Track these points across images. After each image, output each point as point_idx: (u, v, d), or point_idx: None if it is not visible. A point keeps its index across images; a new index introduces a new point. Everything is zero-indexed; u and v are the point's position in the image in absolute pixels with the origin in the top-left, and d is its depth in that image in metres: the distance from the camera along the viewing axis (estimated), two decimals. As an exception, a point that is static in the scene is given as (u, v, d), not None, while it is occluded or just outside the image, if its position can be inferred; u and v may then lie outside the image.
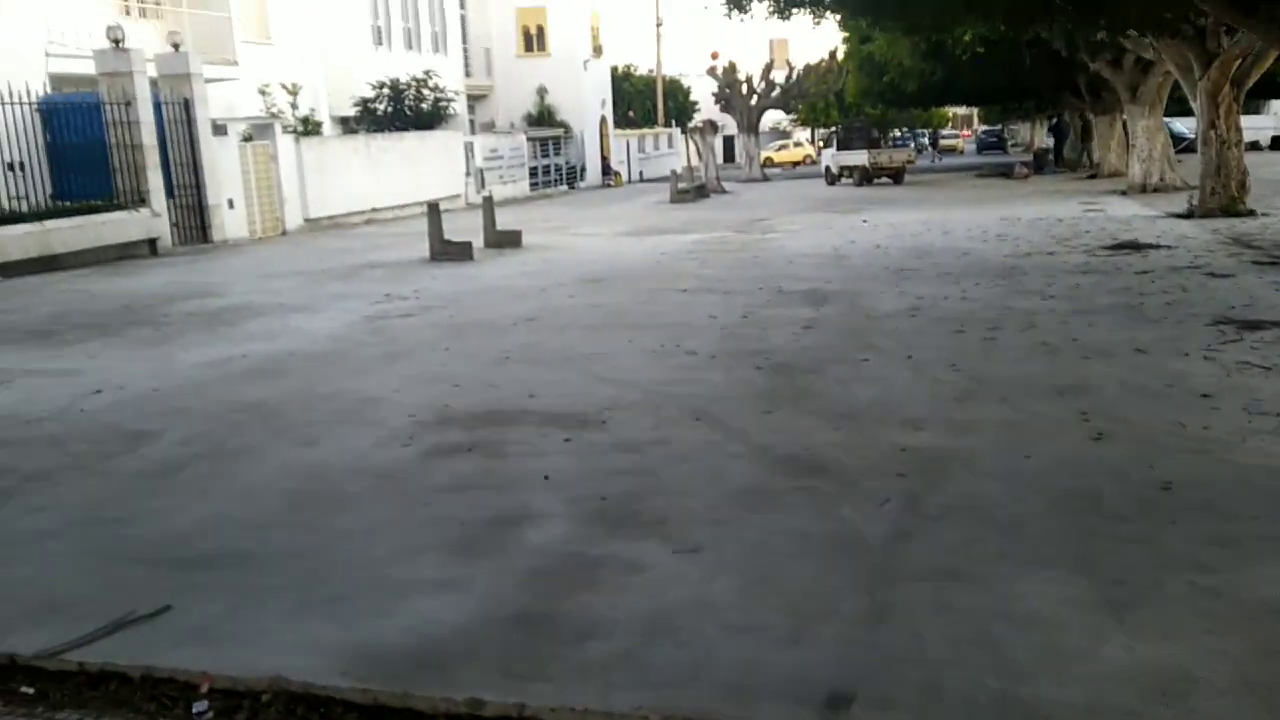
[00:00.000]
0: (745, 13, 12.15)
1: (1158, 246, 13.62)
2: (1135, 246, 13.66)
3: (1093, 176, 31.01)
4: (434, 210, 16.34)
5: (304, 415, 6.95)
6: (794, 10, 12.39)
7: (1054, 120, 44.54)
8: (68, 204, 16.66)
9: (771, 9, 12.56)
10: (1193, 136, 37.50)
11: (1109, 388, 6.59)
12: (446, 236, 16.36)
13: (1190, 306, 9.32)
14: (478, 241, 17.15)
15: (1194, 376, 6.76)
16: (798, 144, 73.32)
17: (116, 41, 17.22)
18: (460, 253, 16.10)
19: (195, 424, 6.78)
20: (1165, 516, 4.39)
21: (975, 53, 21.83)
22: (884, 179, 34.45)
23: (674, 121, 58.54)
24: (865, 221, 19.83)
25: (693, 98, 68.80)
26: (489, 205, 18.30)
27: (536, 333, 9.70)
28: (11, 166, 16.60)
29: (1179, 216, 17.41)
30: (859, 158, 34.35)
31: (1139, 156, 23.75)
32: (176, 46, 18.76)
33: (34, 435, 6.63)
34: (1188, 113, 33.29)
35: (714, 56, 65.24)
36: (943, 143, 77.35)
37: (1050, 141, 49.34)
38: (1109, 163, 30.67)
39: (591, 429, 6.24)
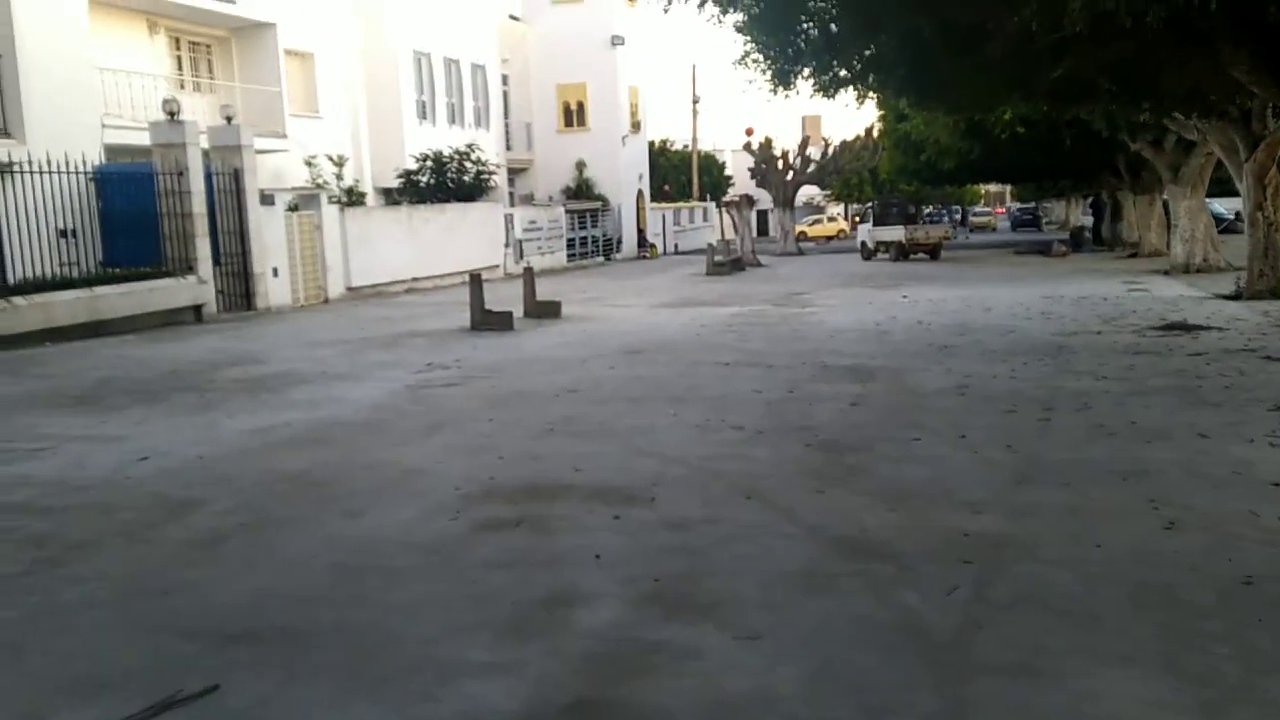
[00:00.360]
0: (790, 89, 12.21)
1: (1209, 328, 13.40)
2: (1185, 327, 13.45)
3: (1133, 255, 30.82)
4: (476, 280, 16.45)
5: (348, 485, 6.90)
6: (838, 90, 12.47)
7: (1091, 199, 44.52)
8: (117, 270, 16.94)
9: (816, 88, 12.65)
10: (1231, 217, 37.49)
11: (1173, 473, 6.39)
12: (487, 306, 16.43)
13: (1249, 391, 9.10)
14: (517, 311, 17.23)
15: (1261, 464, 6.56)
16: (831, 219, 73.76)
17: (172, 114, 17.67)
18: (501, 323, 16.16)
19: (240, 493, 6.74)
20: (1250, 613, 4.19)
21: (1015, 132, 21.92)
22: (920, 255, 34.45)
23: (709, 196, 59.14)
24: (905, 297, 19.74)
25: (727, 172, 69.70)
26: (529, 276, 18.42)
27: (578, 404, 9.64)
28: (64, 233, 16.95)
29: (1227, 298, 17.18)
30: (895, 233, 34.40)
31: (1181, 237, 23.59)
32: (229, 119, 19.22)
33: (80, 502, 6.61)
34: (1226, 193, 33.22)
35: (749, 133, 66.10)
36: (974, 219, 77.37)
37: (1088, 220, 49.29)
38: (1149, 242, 30.50)
39: (640, 506, 6.12)
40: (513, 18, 38.66)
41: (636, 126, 41.37)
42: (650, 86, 46.15)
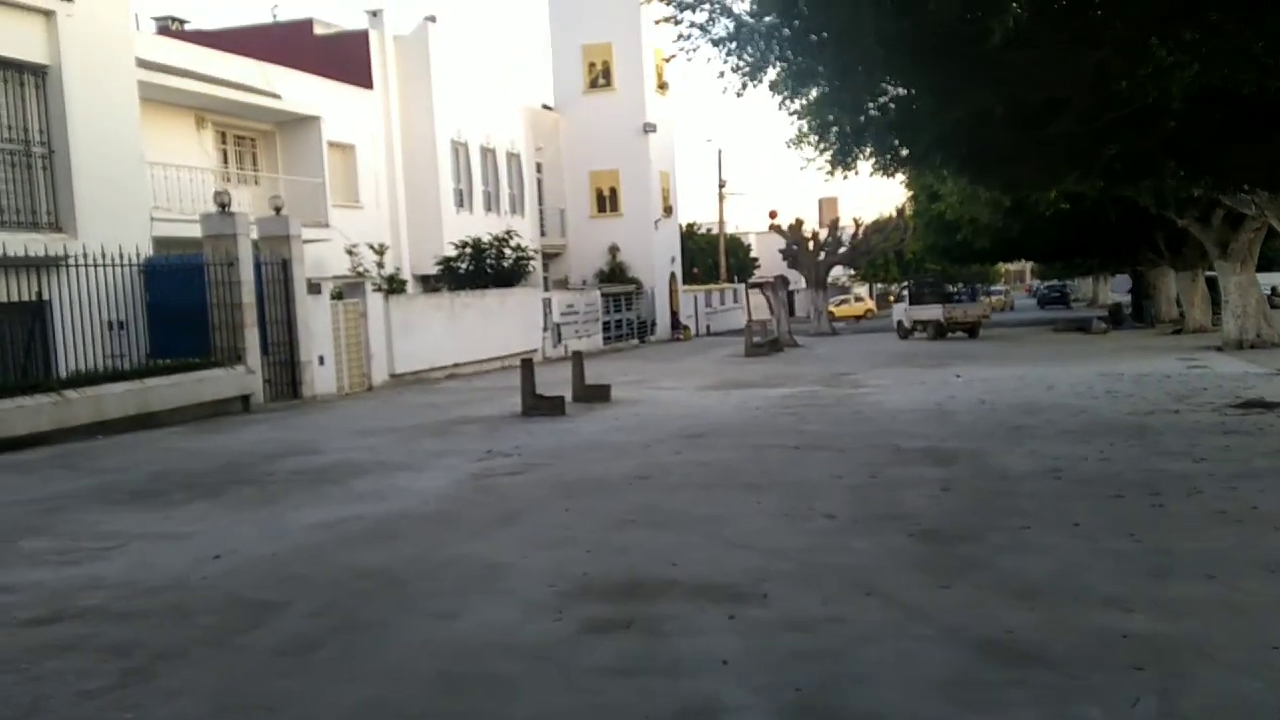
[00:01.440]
0: (850, 170, 12.08)
1: (1288, 404, 12.98)
2: (1266, 405, 13.01)
3: (1177, 332, 30.37)
4: (527, 365, 16.27)
5: (432, 583, 6.57)
6: (898, 169, 12.33)
7: (1129, 275, 44.26)
8: (166, 362, 16.87)
9: (876, 167, 12.53)
10: (1268, 291, 37.16)
11: (1320, 562, 5.98)
12: (538, 391, 16.20)
13: (1360, 469, 8.68)
14: (565, 395, 16.98)
15: None
16: (858, 298, 73.77)
17: (223, 206, 17.78)
18: (553, 408, 15.90)
19: (320, 593, 6.42)
20: None
21: (1060, 209, 21.78)
22: (958, 333, 34.16)
23: (735, 277, 59.33)
24: (958, 377, 19.38)
25: (753, 254, 70.09)
26: (579, 360, 18.23)
27: (651, 492, 9.32)
28: (112, 325, 16.95)
29: (1294, 372, 16.76)
30: (933, 312, 34.19)
31: (1233, 313, 23.21)
32: (278, 210, 19.33)
33: (156, 606, 6.31)
34: (1262, 268, 32.75)
35: (772, 215, 66.43)
36: (993, 298, 76.98)
37: (1118, 296, 48.95)
38: (1193, 318, 30.11)
39: (753, 604, 5.76)
40: (546, 107, 39.30)
41: (668, 210, 41.66)
42: (678, 169, 46.61)
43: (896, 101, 10.23)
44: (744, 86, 9.48)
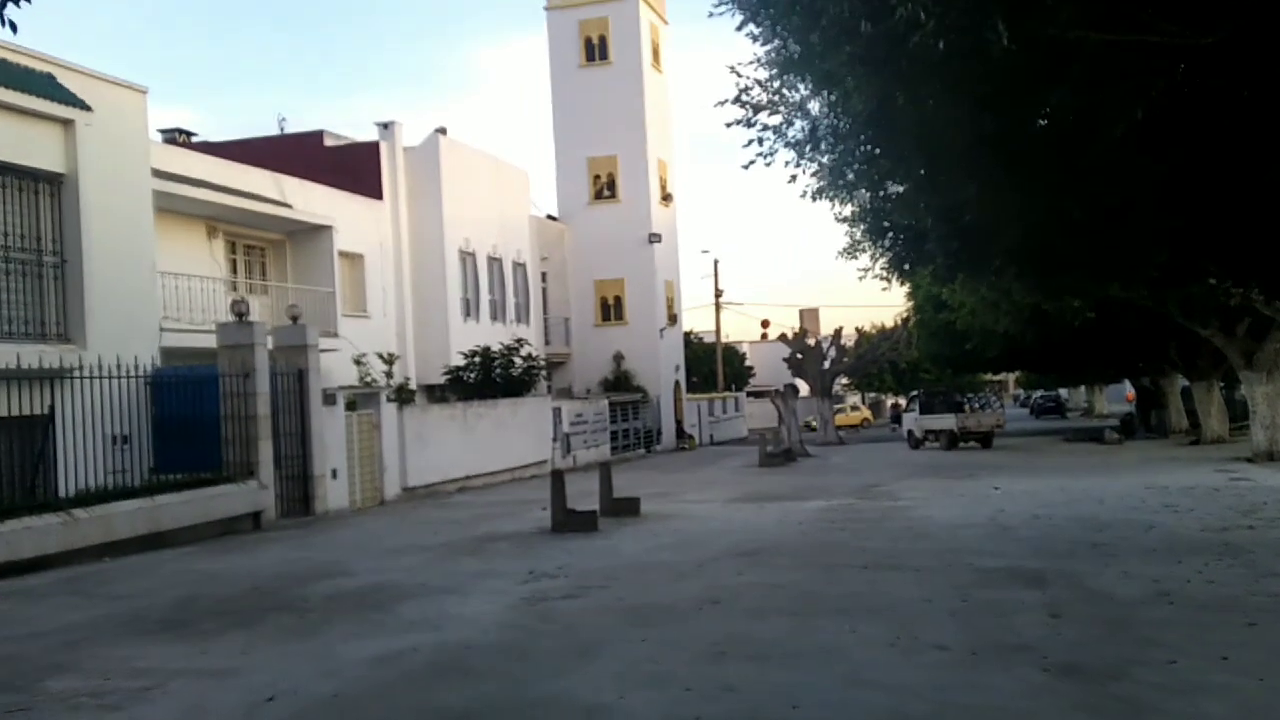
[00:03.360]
0: (910, 279, 11.72)
1: (1366, 517, 12.44)
2: (1344, 518, 12.49)
3: (1194, 443, 29.95)
4: (558, 478, 15.59)
5: (529, 732, 5.83)
6: (955, 277, 12.01)
7: (1136, 385, 44.13)
8: (177, 477, 16.10)
9: (933, 273, 12.20)
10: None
11: None
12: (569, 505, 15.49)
13: None
14: (592, 506, 16.25)
15: None
16: (854, 407, 73.52)
17: (241, 315, 17.28)
18: (585, 523, 15.18)
19: (406, 744, 5.67)
20: None
21: (1086, 318, 21.56)
22: (971, 444, 33.70)
23: (733, 386, 59.00)
24: (997, 489, 18.78)
25: (748, 363, 69.91)
26: (606, 472, 17.54)
27: (731, 619, 8.61)
28: (116, 439, 16.22)
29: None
30: (945, 421, 33.79)
31: (1261, 424, 22.85)
32: (295, 319, 18.85)
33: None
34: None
35: (764, 325, 66.77)
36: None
37: (1123, 406, 48.74)
38: (1210, 428, 29.73)
39: (915, 759, 5.05)
40: (551, 217, 39.41)
41: (673, 319, 41.49)
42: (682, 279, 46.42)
43: (965, 204, 9.90)
44: (821, 190, 9.13)
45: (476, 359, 27.62)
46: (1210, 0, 6.18)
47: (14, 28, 4.95)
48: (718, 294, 58.36)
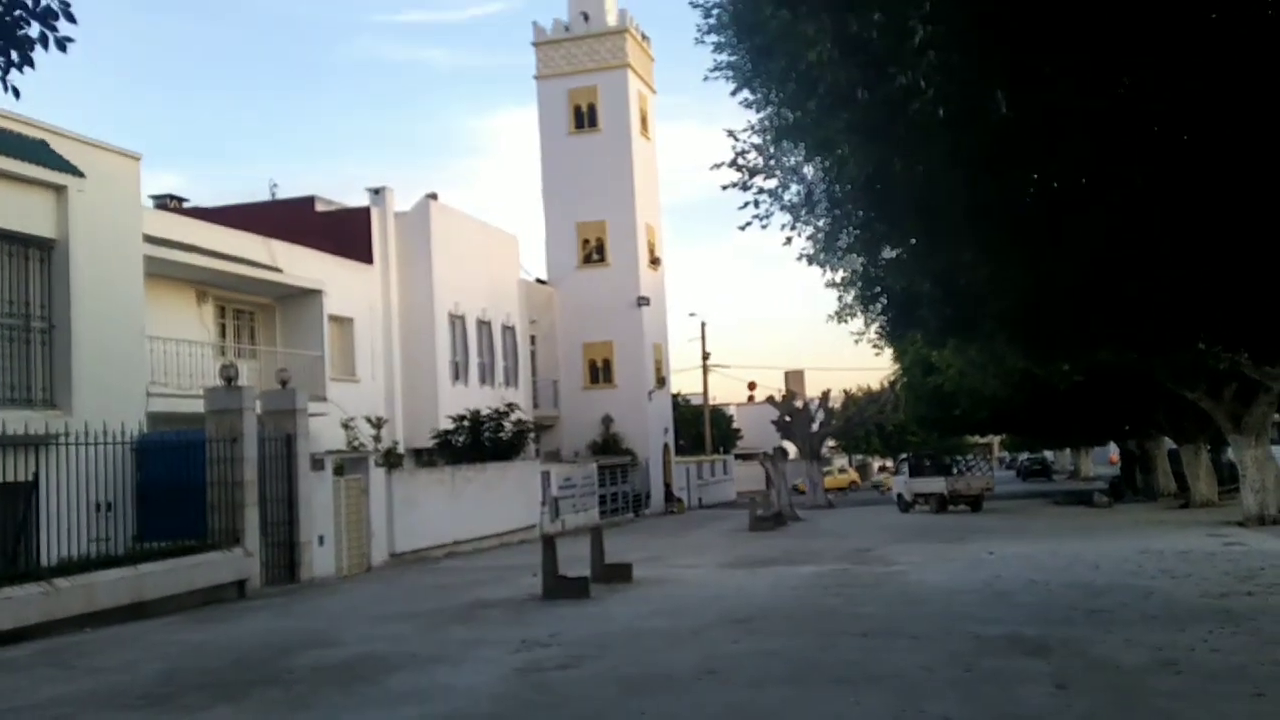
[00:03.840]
0: (903, 342, 11.74)
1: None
2: (1344, 583, 12.41)
3: (1184, 506, 29.87)
4: (549, 544, 15.40)
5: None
6: (948, 341, 12.04)
7: (1121, 449, 44.18)
8: (161, 545, 15.82)
9: (924, 338, 12.22)
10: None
11: None
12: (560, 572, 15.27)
13: None
14: (583, 572, 16.01)
15: None
16: (841, 470, 73.31)
17: (230, 380, 17.16)
18: (577, 590, 14.94)
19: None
20: None
21: (1074, 381, 21.63)
22: (961, 506, 33.56)
23: (720, 449, 58.80)
24: (991, 554, 18.64)
25: (735, 425, 69.73)
26: (598, 537, 17.35)
27: (732, 690, 8.44)
28: (99, 506, 15.96)
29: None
30: (935, 484, 33.70)
31: (1251, 487, 22.83)
32: (284, 383, 18.72)
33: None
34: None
35: (751, 387, 66.81)
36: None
37: (1108, 469, 48.69)
38: (1199, 492, 29.68)
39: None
40: (540, 281, 39.55)
41: (661, 382, 41.48)
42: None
43: (960, 269, 9.95)
44: (817, 254, 9.17)
45: (465, 422, 27.49)
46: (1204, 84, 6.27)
47: (16, 93, 4.93)
48: (705, 356, 58.40)
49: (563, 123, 40.51)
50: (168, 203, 29.55)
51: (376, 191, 29.35)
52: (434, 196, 30.61)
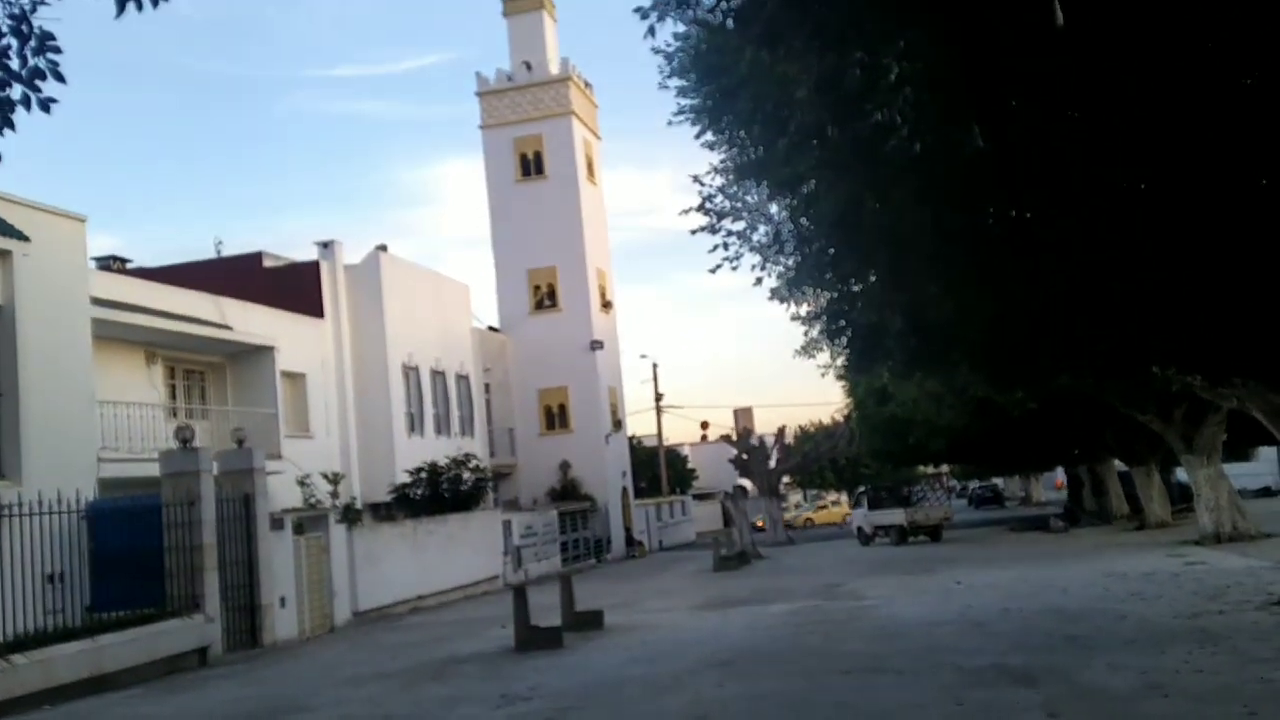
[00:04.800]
0: (871, 374, 11.82)
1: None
2: (1308, 597, 12.62)
3: (1139, 528, 30.29)
4: (520, 594, 15.16)
5: None
6: (914, 372, 12.14)
7: (1068, 472, 44.81)
8: (118, 615, 15.29)
9: (891, 369, 12.32)
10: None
11: None
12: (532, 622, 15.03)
13: None
14: (553, 622, 15.78)
15: None
16: (798, 505, 73.52)
17: (185, 442, 16.75)
18: (550, 640, 14.73)
19: None
20: None
21: (1028, 408, 21.95)
22: (921, 537, 33.74)
23: (677, 489, 58.66)
24: (959, 583, 18.73)
25: (690, 465, 69.66)
26: (567, 585, 17.15)
27: (724, 737, 8.31)
28: (51, 578, 15.40)
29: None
30: (894, 516, 33.86)
31: (1206, 506, 23.24)
32: (240, 443, 18.34)
33: None
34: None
35: (704, 426, 66.76)
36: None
37: (1055, 493, 49.23)
38: (1153, 513, 30.12)
39: None
40: (492, 329, 39.36)
41: (618, 425, 41.37)
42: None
43: (928, 301, 10.06)
44: (782, 290, 9.22)
45: (423, 474, 27.12)
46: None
47: None
48: (658, 398, 58.43)
49: (509, 171, 40.61)
50: (111, 264, 28.99)
51: (325, 245, 29.07)
52: (384, 248, 30.42)
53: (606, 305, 41.72)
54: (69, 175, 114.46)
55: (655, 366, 54.12)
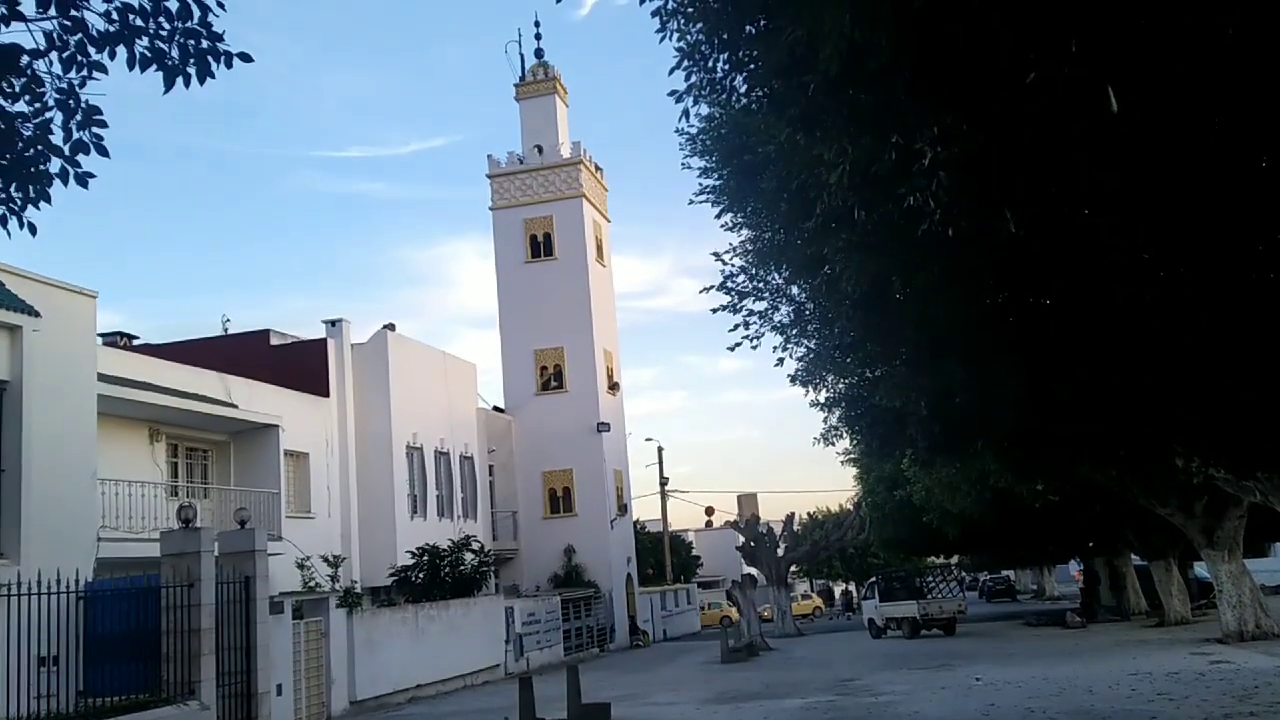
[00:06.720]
0: (893, 461, 11.53)
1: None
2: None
3: (1158, 624, 29.52)
4: (526, 685, 14.70)
5: None
6: (935, 460, 11.86)
7: (1085, 566, 43.89)
8: (112, 700, 14.78)
9: (913, 457, 12.04)
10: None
11: None
12: (539, 716, 14.50)
13: None
14: (558, 714, 15.22)
15: None
16: (805, 596, 72.26)
17: (187, 522, 16.39)
18: (559, 737, 14.18)
19: None
20: None
21: (1048, 500, 21.55)
22: (934, 630, 32.94)
23: (681, 577, 57.69)
24: (978, 680, 18.13)
25: (695, 552, 68.70)
26: (574, 676, 16.56)
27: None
28: (44, 660, 14.93)
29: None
30: (907, 609, 33.05)
31: (1229, 603, 22.63)
32: (243, 523, 17.95)
33: None
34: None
35: (709, 512, 65.99)
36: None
37: (1070, 586, 48.09)
38: (1173, 609, 29.36)
39: None
40: (498, 409, 39.10)
41: (623, 509, 40.78)
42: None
43: (954, 386, 9.84)
44: (801, 374, 9.01)
45: (425, 558, 26.59)
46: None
47: (33, 230, 4.71)
48: (663, 482, 57.84)
49: (519, 251, 40.80)
50: (118, 340, 28.92)
51: (333, 323, 29.02)
52: (391, 327, 30.37)
53: (613, 387, 41.50)
54: (75, 250, 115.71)
55: (660, 450, 53.71)
